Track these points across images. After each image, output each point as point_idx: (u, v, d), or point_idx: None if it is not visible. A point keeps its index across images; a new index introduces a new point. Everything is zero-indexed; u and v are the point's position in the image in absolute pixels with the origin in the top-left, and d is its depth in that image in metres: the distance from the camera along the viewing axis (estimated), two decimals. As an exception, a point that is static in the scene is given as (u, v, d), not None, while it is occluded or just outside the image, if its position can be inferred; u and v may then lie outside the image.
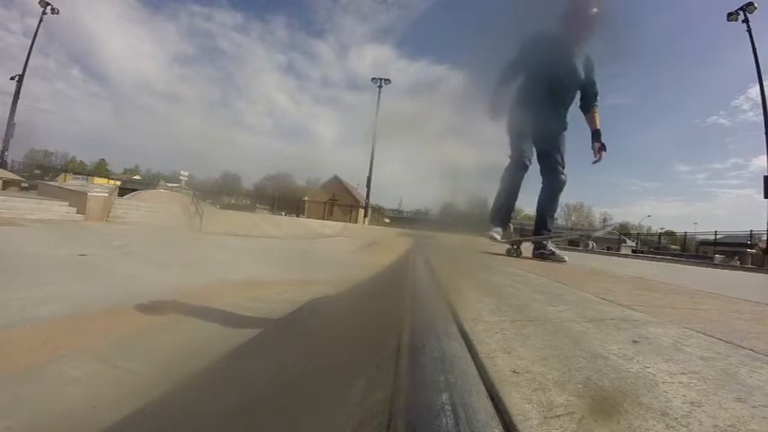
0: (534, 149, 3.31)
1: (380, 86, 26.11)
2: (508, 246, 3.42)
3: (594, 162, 3.25)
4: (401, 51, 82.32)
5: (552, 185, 3.37)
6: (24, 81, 21.22)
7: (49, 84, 59.33)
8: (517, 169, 3.26)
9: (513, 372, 0.61)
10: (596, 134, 3.25)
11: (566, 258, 3.36)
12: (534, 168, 3.32)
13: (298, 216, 25.77)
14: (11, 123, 20.80)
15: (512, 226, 3.77)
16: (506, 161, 3.28)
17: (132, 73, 71.55)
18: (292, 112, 78.97)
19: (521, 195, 3.42)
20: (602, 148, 3.23)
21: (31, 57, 21.55)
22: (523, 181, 3.34)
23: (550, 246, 3.40)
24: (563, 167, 3.34)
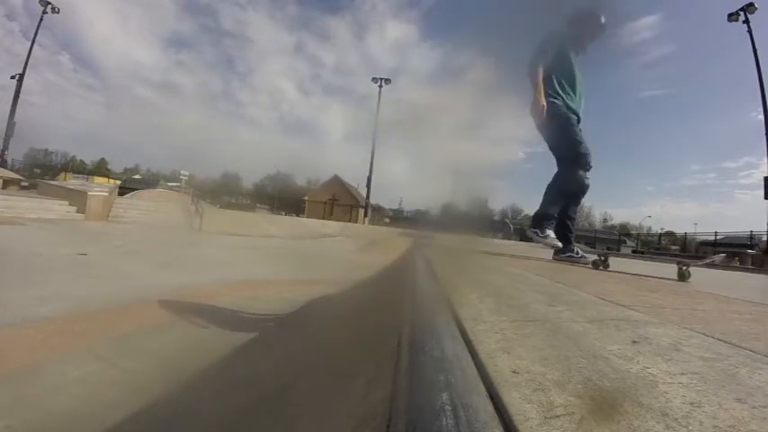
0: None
1: (381, 86, 26.16)
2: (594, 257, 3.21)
3: None
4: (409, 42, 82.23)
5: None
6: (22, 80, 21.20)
7: (48, 81, 59.34)
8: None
9: (513, 372, 0.61)
10: None
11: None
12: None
13: (298, 216, 25.78)
14: (11, 122, 20.82)
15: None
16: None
17: (131, 67, 71.46)
18: (291, 110, 79.00)
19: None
20: None
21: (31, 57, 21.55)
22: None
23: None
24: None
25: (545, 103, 3.16)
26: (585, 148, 3.25)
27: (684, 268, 2.44)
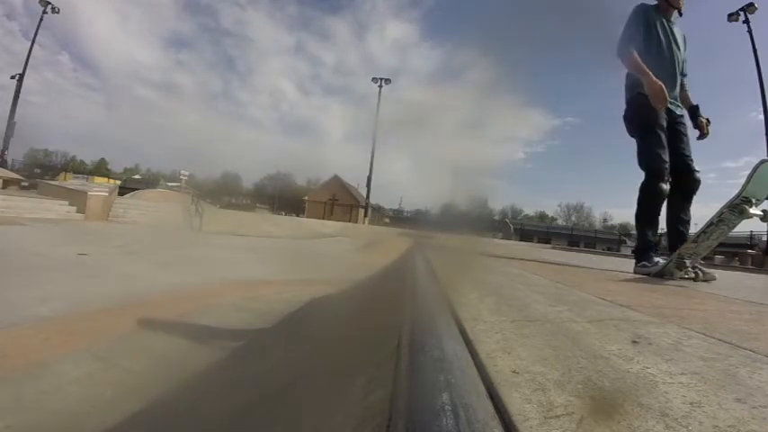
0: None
1: (381, 86, 26.15)
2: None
3: (702, 137, 2.87)
4: (413, 40, 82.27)
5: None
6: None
7: (48, 80, 59.37)
8: None
9: (513, 372, 0.61)
10: (698, 109, 2.92)
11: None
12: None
13: (298, 216, 25.79)
14: (11, 122, 20.81)
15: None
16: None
17: (131, 67, 71.55)
18: (291, 110, 78.99)
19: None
20: (708, 121, 2.88)
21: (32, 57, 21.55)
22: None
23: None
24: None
25: (661, 83, 2.57)
26: (665, 159, 2.71)
27: None
